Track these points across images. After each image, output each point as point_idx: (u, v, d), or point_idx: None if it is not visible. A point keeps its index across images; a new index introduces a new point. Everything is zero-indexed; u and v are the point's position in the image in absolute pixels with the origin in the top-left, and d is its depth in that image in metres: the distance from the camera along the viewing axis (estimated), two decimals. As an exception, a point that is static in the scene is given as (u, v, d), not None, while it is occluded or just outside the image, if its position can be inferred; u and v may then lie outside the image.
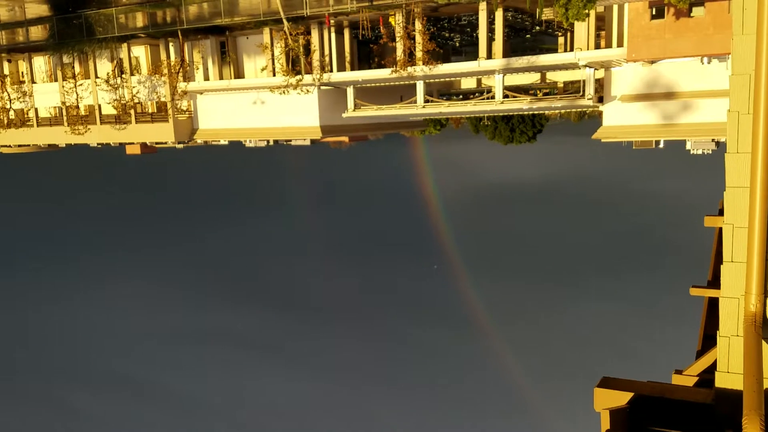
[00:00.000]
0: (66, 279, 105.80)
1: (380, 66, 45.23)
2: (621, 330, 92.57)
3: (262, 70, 47.98)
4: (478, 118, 62.81)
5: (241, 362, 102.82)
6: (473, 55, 44.03)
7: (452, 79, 49.48)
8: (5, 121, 54.75)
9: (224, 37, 49.83)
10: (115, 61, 52.61)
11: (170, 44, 50.83)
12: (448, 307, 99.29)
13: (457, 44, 54.06)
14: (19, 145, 60.74)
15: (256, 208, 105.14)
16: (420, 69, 42.06)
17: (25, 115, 57.36)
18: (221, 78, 50.40)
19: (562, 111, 61.15)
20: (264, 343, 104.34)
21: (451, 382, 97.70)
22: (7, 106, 53.96)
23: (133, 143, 55.42)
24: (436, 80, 45.54)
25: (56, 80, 55.31)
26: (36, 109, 57.04)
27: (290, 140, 49.78)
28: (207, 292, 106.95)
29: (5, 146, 61.20)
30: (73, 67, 54.82)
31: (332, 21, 44.74)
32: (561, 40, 52.37)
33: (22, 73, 58.16)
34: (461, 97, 48.57)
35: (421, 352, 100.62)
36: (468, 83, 52.54)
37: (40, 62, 57.19)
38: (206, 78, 51.13)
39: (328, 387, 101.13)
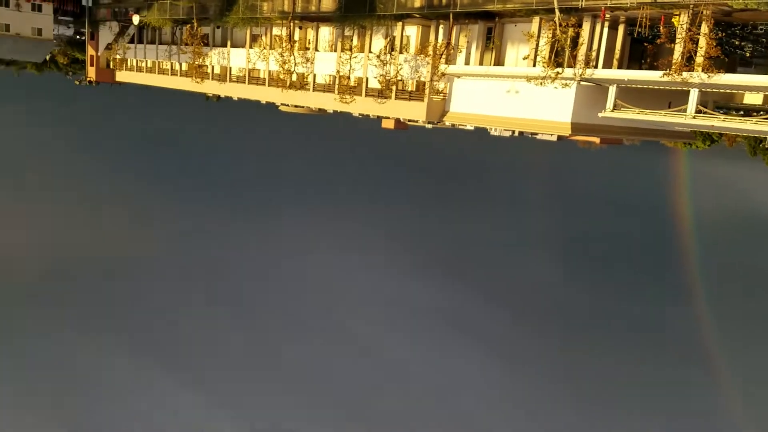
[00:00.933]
0: (309, 238, 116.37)
1: (651, 67, 41.96)
2: None
3: (524, 59, 47.35)
4: (758, 140, 55.44)
5: (459, 347, 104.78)
6: (765, 68, 38.77)
7: (734, 91, 44.19)
8: (287, 82, 61.43)
9: (493, 23, 50.04)
10: (388, 38, 55.87)
11: (440, 26, 52.49)
12: (679, 335, 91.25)
13: (747, 54, 47.99)
14: (296, 106, 68.03)
15: (493, 196, 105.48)
16: (697, 75, 38.10)
17: (305, 79, 63.75)
18: (481, 63, 50.81)
19: None
20: (479, 332, 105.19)
21: (667, 411, 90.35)
22: (292, 69, 60.34)
23: (388, 118, 58.77)
24: (714, 90, 41.02)
25: (335, 51, 60.49)
26: (314, 75, 63.10)
27: (536, 133, 48.75)
28: (433, 269, 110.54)
29: (284, 104, 68.97)
30: (352, 40, 59.45)
31: (608, 15, 42.48)
32: None
33: (309, 40, 64.60)
34: (742, 112, 43.52)
35: (641, 375, 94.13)
36: (752, 99, 46.58)
37: (325, 32, 62.90)
38: (467, 62, 51.94)
39: (537, 391, 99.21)
